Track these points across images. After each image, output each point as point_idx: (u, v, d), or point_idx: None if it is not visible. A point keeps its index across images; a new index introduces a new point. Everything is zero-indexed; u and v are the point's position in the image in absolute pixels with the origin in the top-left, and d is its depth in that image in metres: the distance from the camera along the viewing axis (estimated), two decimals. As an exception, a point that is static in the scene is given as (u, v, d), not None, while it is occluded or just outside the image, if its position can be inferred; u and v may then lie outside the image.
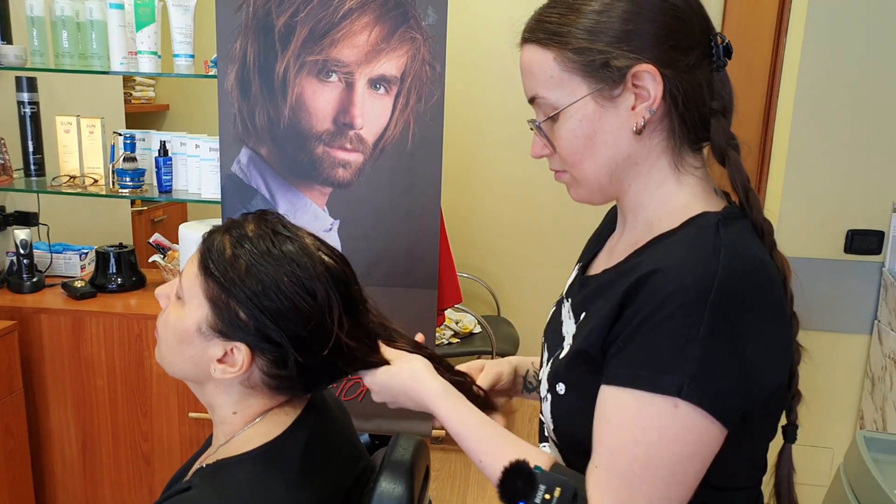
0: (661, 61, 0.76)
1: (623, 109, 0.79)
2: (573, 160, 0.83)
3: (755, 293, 0.72)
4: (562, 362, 0.85)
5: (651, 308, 0.72)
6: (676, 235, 0.79)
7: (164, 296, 0.95)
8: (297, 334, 0.87)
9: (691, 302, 0.70)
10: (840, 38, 1.94)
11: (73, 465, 2.19)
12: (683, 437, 0.71)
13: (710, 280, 0.70)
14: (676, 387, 0.70)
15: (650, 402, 0.71)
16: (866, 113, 1.96)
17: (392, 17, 1.81)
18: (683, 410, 0.70)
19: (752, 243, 0.77)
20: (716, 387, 0.70)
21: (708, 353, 0.69)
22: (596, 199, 0.87)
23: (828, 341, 2.09)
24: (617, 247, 0.90)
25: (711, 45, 0.79)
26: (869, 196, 2.00)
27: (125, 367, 2.11)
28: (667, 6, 0.77)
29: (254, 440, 0.91)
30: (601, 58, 0.77)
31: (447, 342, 3.16)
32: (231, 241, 0.88)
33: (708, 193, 0.83)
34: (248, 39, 1.86)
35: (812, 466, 2.14)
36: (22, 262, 2.20)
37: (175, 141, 2.21)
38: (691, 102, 0.79)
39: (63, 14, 2.11)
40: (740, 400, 0.72)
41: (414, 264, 1.94)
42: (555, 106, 0.81)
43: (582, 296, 0.89)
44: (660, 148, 0.81)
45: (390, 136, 1.88)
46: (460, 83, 3.33)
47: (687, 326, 0.70)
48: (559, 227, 3.50)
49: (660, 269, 0.73)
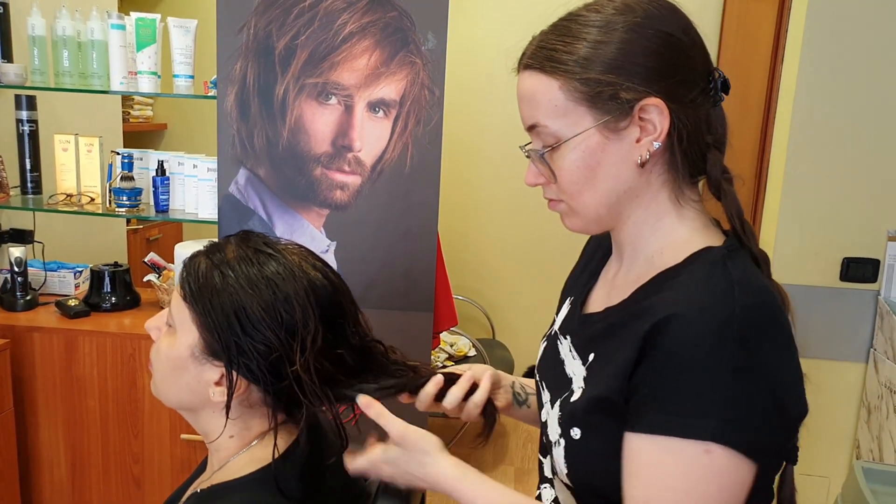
0: (668, 95, 0.76)
1: (627, 142, 0.78)
2: (573, 191, 0.81)
3: (773, 325, 0.72)
4: (577, 406, 0.83)
5: (676, 353, 0.71)
6: (685, 273, 0.78)
7: (155, 328, 0.95)
8: (268, 359, 0.85)
9: (716, 344, 0.70)
10: (835, 66, 1.96)
11: (62, 486, 2.16)
12: (718, 481, 0.70)
13: (731, 319, 0.70)
14: (709, 431, 0.69)
15: (683, 449, 0.70)
16: (861, 141, 1.98)
17: (392, 42, 1.82)
18: (717, 454, 0.69)
19: (758, 273, 0.77)
20: (750, 427, 0.70)
21: (737, 394, 0.69)
22: (592, 229, 0.86)
23: (824, 369, 2.08)
24: (617, 282, 0.88)
25: (710, 80, 0.79)
26: (864, 224, 2.01)
27: (117, 388, 2.09)
28: (673, 40, 0.77)
29: (249, 465, 0.90)
30: (610, 89, 0.76)
31: (442, 365, 3.15)
32: (209, 266, 0.88)
33: (706, 226, 0.83)
34: (249, 61, 1.87)
35: (808, 495, 2.12)
36: (16, 280, 2.19)
37: (173, 160, 2.21)
38: (693, 137, 0.79)
39: (65, 34, 2.12)
40: (774, 435, 0.72)
41: (410, 287, 1.93)
42: (557, 136, 0.79)
43: (586, 335, 0.87)
44: (661, 181, 0.81)
45: (388, 159, 1.88)
46: (459, 107, 3.35)
47: (714, 369, 0.69)
48: (555, 251, 3.50)
49: (680, 314, 0.72)
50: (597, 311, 0.89)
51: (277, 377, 0.86)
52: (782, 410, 0.72)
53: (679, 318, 0.72)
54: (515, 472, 3.04)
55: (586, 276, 0.97)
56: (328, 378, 0.89)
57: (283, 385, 0.86)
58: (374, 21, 1.81)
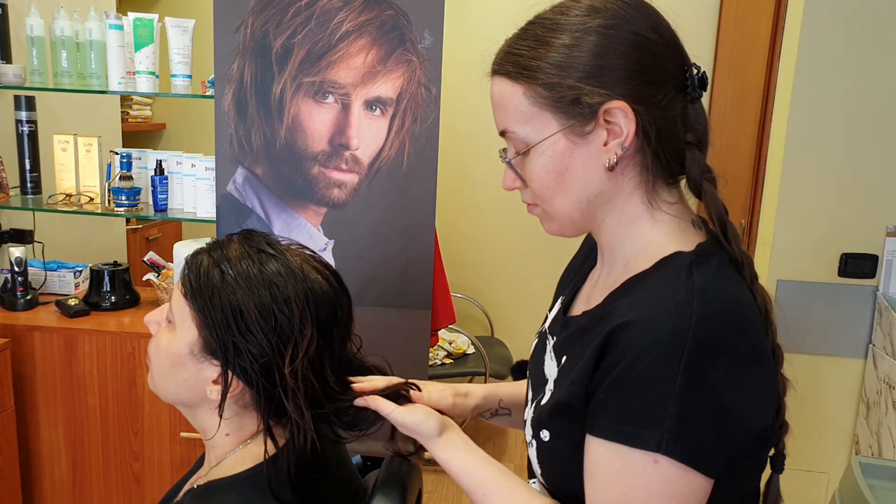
0: (633, 97, 0.74)
1: (595, 146, 0.76)
2: (545, 195, 0.81)
3: (732, 337, 0.70)
4: (544, 410, 0.84)
5: (628, 361, 0.70)
6: (649, 279, 0.77)
7: (154, 322, 0.95)
8: (264, 359, 0.86)
9: (666, 354, 0.68)
10: (833, 61, 1.96)
11: (62, 484, 2.17)
12: (668, 491, 0.69)
13: (685, 329, 0.68)
14: (655, 442, 0.68)
15: (633, 458, 0.70)
16: (860, 136, 1.97)
17: (388, 40, 1.83)
18: (664, 465, 0.69)
19: (728, 283, 0.74)
20: (694, 439, 0.68)
21: (685, 407, 0.68)
22: (568, 232, 0.86)
23: (822, 365, 2.09)
24: (597, 286, 0.88)
25: (686, 77, 0.77)
26: (863, 220, 2.01)
27: (117, 386, 2.10)
28: (639, 40, 0.75)
29: (245, 461, 0.91)
30: (572, 94, 0.75)
31: (440, 363, 3.15)
32: (211, 264, 0.88)
33: (683, 229, 0.80)
34: (246, 60, 1.88)
35: (807, 492, 2.13)
36: (16, 280, 2.20)
37: (171, 160, 2.21)
38: (665, 137, 0.77)
39: (63, 34, 2.13)
40: (722, 449, 0.70)
41: (408, 285, 1.94)
42: (525, 141, 0.79)
43: (562, 337, 0.87)
44: (633, 184, 0.79)
45: (386, 157, 1.88)
46: (456, 105, 3.35)
47: (664, 380, 0.68)
48: (553, 248, 3.49)
49: (633, 321, 0.71)
50: (577, 314, 0.88)
51: (269, 381, 0.87)
52: (736, 426, 0.70)
53: (632, 326, 0.71)
54: (515, 468, 3.03)
55: (578, 277, 0.96)
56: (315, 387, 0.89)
57: (275, 390, 0.87)
58: (370, 19, 1.81)
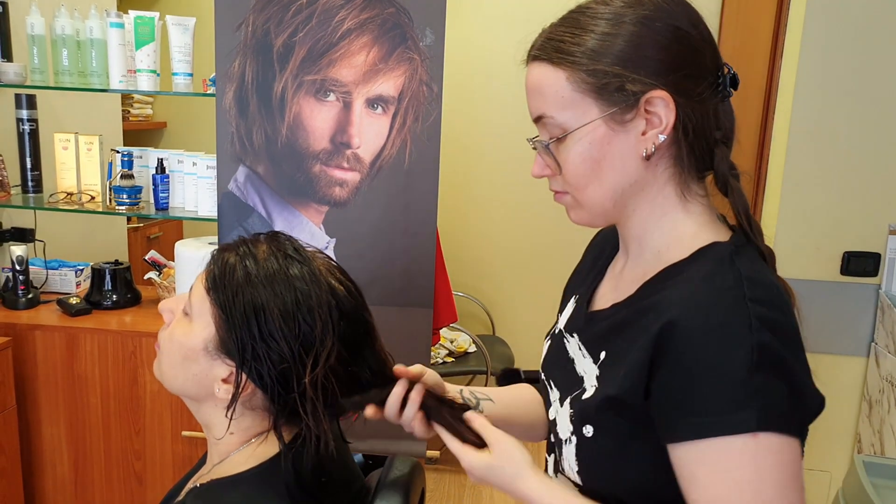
0: (674, 88, 0.76)
1: (633, 134, 0.78)
2: (578, 183, 0.81)
3: (781, 318, 0.73)
4: (590, 404, 0.82)
5: (695, 354, 0.71)
6: (691, 269, 0.78)
7: (168, 310, 0.94)
8: (284, 365, 0.85)
9: (730, 339, 0.70)
10: (835, 59, 1.95)
11: (64, 483, 2.17)
12: (777, 465, 0.70)
13: (743, 312, 0.71)
14: (751, 421, 0.69)
15: (730, 446, 0.70)
16: (862, 135, 1.97)
17: (390, 38, 1.82)
18: (764, 441, 0.70)
19: (766, 270, 0.78)
20: (782, 409, 0.70)
21: (765, 382, 0.69)
22: (598, 222, 0.86)
23: (824, 364, 2.08)
24: (623, 277, 0.88)
25: (718, 76, 0.79)
26: (865, 218, 2.00)
27: (119, 385, 2.09)
28: (681, 34, 0.77)
29: (249, 460, 0.91)
30: (616, 81, 0.76)
31: (442, 361, 3.15)
32: (237, 262, 0.87)
33: (713, 222, 0.83)
34: (247, 58, 1.87)
35: (809, 490, 2.12)
36: (17, 278, 2.20)
37: (172, 158, 2.21)
38: (699, 131, 0.79)
39: (64, 33, 2.12)
40: (802, 414, 0.73)
41: (409, 283, 1.93)
42: (564, 127, 0.79)
43: (595, 333, 0.87)
44: (667, 175, 0.81)
45: (387, 156, 1.88)
46: (457, 103, 3.35)
47: (735, 364, 0.70)
48: (555, 247, 3.50)
49: (687, 315, 0.72)
50: (603, 307, 0.88)
51: (285, 388, 0.86)
52: (805, 394, 0.73)
53: (687, 319, 0.72)
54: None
55: (594, 274, 0.96)
56: (337, 395, 0.88)
57: (290, 397, 0.86)
58: (371, 17, 1.81)
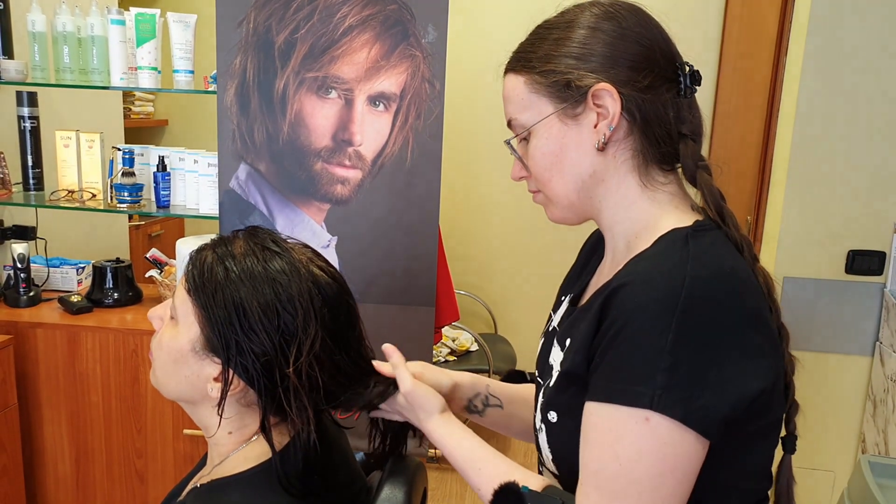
0: (618, 81, 0.81)
1: (586, 127, 0.83)
2: (543, 178, 0.87)
3: (725, 299, 0.73)
4: (552, 390, 0.86)
5: (622, 321, 0.73)
6: (648, 252, 0.81)
7: (157, 318, 0.94)
8: (266, 358, 0.85)
9: (659, 312, 0.71)
10: (840, 57, 1.94)
11: (66, 481, 2.17)
12: (659, 450, 0.71)
13: (678, 289, 0.71)
14: (647, 398, 0.70)
15: (624, 416, 0.72)
16: (867, 132, 1.96)
17: (392, 35, 1.81)
18: (656, 422, 0.70)
19: (724, 253, 0.78)
20: (686, 395, 0.70)
21: (677, 363, 0.70)
22: (570, 217, 0.90)
23: (829, 363, 2.07)
24: (603, 273, 0.92)
25: (678, 72, 0.83)
26: (870, 216, 1.99)
27: (120, 383, 2.09)
28: (627, 31, 0.82)
29: (249, 460, 0.90)
30: (564, 78, 0.82)
31: (444, 360, 3.14)
32: (215, 260, 0.88)
33: (682, 210, 0.85)
34: (248, 55, 1.87)
35: (813, 490, 2.12)
36: (19, 276, 2.19)
37: (174, 156, 2.20)
38: (654, 122, 0.82)
39: (65, 30, 2.12)
40: (717, 408, 0.71)
41: (411, 281, 1.93)
42: (524, 126, 0.86)
43: (567, 323, 0.90)
44: (627, 166, 0.84)
45: (389, 153, 1.87)
46: (460, 101, 3.34)
47: (655, 337, 0.70)
48: (557, 245, 3.49)
49: (628, 283, 0.75)
50: (583, 302, 0.92)
51: (271, 380, 0.86)
52: (731, 385, 0.71)
53: (626, 287, 0.75)
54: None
55: (585, 273, 0.99)
56: (320, 385, 0.88)
57: (277, 390, 0.86)
58: (373, 14, 1.80)
